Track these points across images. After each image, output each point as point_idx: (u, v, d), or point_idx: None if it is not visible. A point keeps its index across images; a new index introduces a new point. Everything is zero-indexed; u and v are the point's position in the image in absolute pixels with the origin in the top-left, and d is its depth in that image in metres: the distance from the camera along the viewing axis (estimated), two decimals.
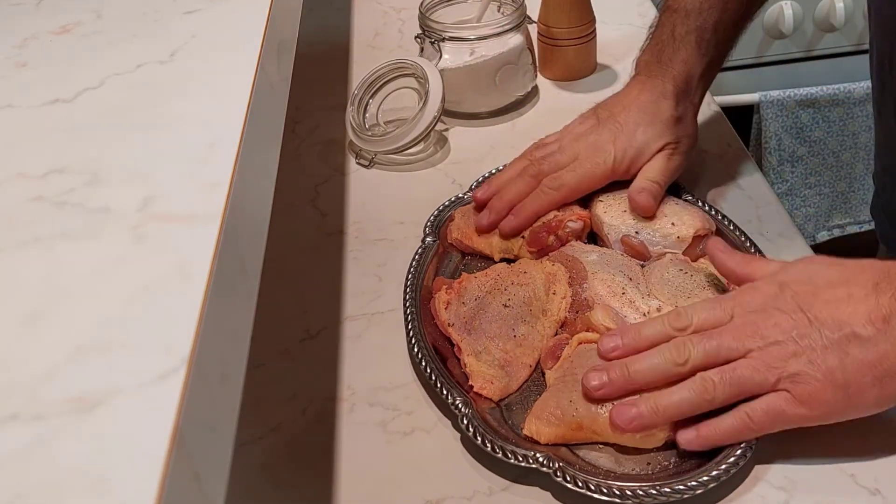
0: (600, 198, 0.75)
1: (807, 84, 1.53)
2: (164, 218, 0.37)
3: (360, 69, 0.99)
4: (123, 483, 0.26)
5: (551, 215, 0.73)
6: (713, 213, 0.75)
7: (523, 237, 0.73)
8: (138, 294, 0.33)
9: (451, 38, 0.92)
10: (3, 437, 0.27)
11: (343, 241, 0.80)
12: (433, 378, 0.61)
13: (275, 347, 0.70)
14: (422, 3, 0.96)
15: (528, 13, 0.95)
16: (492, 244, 0.74)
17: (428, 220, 0.77)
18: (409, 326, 0.66)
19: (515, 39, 0.93)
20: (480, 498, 0.56)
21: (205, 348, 0.31)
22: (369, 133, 0.89)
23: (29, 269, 0.34)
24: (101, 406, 0.28)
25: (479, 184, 0.81)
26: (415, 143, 0.87)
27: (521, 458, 0.55)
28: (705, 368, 0.54)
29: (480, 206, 0.75)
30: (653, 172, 0.73)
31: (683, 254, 0.70)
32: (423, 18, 0.94)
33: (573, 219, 0.73)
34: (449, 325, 0.65)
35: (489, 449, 0.56)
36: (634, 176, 0.74)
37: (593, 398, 0.56)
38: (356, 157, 0.91)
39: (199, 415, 0.29)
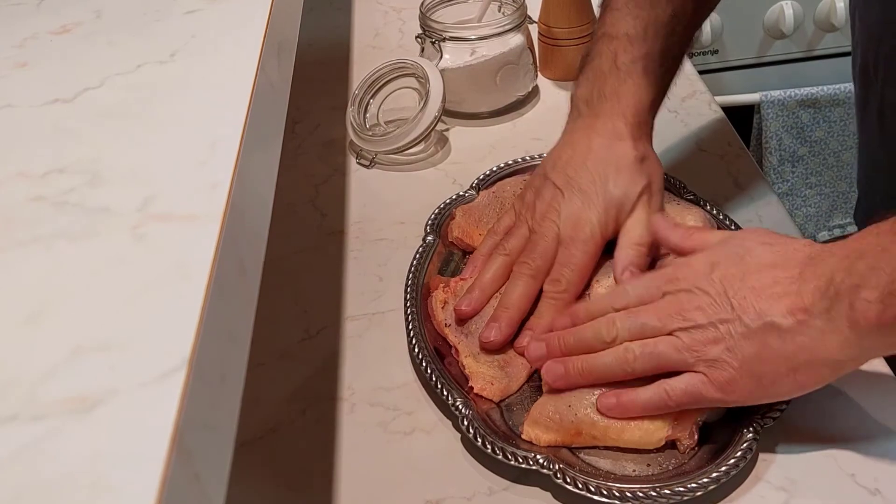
0: None
1: (807, 84, 1.52)
2: (164, 218, 0.36)
3: (361, 69, 0.99)
4: (123, 483, 0.26)
5: None
6: (713, 212, 0.74)
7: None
8: (138, 294, 0.33)
9: (452, 38, 0.92)
10: (3, 437, 0.27)
11: (343, 241, 0.80)
12: (433, 379, 0.61)
13: (275, 347, 0.70)
14: (422, 3, 0.96)
15: (528, 13, 0.95)
16: None
17: (429, 219, 0.77)
18: (410, 326, 0.66)
19: (516, 39, 0.93)
20: (480, 498, 0.56)
21: (205, 348, 0.31)
22: (370, 133, 0.89)
23: (29, 269, 0.34)
24: (101, 406, 0.28)
25: (479, 182, 0.81)
26: (415, 143, 0.87)
27: (521, 460, 0.55)
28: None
29: (467, 317, 0.66)
30: (636, 232, 0.66)
31: None
32: (424, 18, 0.94)
33: None
34: (446, 325, 0.65)
35: (489, 450, 0.56)
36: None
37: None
38: (356, 157, 0.91)
39: (199, 415, 0.29)
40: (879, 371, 0.61)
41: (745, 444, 0.54)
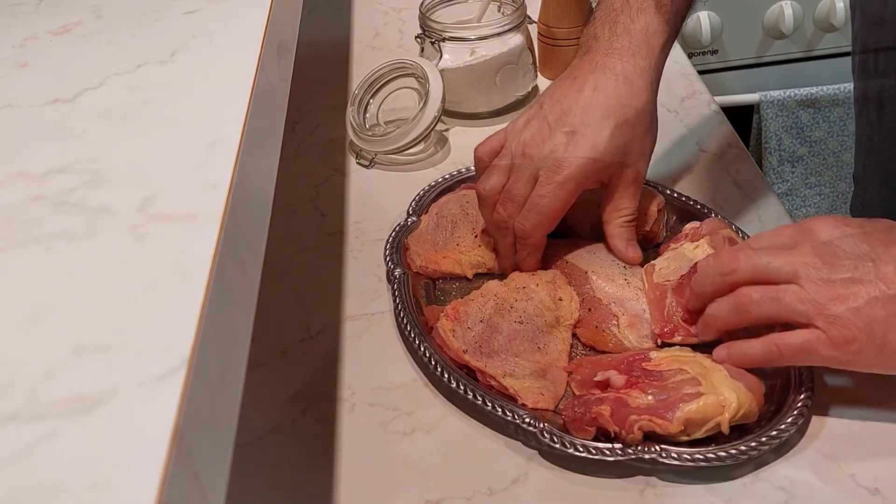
0: None
1: (807, 84, 1.53)
2: (164, 218, 0.37)
3: (360, 69, 0.99)
4: (123, 483, 0.26)
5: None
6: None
7: (495, 250, 0.72)
8: (138, 294, 0.33)
9: (452, 38, 0.92)
10: (3, 437, 0.27)
11: (343, 241, 0.80)
12: (489, 405, 0.59)
13: (275, 347, 0.70)
14: (422, 3, 0.96)
15: (528, 13, 0.95)
16: (461, 262, 0.72)
17: (385, 253, 0.74)
18: (432, 361, 0.63)
19: (516, 39, 0.93)
20: (480, 498, 0.56)
21: (205, 348, 0.31)
22: (369, 133, 0.89)
23: (29, 269, 0.34)
24: (101, 406, 0.28)
25: (415, 208, 0.79)
26: (415, 143, 0.87)
27: (619, 453, 0.55)
28: (752, 283, 0.55)
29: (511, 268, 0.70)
30: (623, 204, 0.67)
31: (651, 227, 0.73)
32: (424, 18, 0.94)
33: None
34: (464, 352, 0.63)
35: (583, 454, 0.55)
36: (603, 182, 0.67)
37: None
38: (356, 157, 0.91)
39: (199, 415, 0.29)
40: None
41: (797, 408, 0.56)
